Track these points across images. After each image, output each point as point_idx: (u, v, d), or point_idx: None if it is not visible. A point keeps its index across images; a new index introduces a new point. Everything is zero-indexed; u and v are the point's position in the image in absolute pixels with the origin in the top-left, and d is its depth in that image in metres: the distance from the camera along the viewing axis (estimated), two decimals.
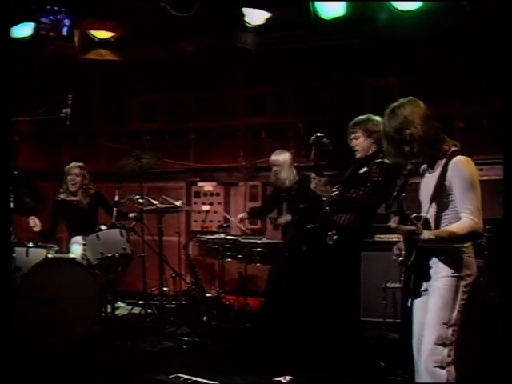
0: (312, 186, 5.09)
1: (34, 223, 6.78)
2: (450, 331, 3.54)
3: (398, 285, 6.41)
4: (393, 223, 3.55)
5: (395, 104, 3.70)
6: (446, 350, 3.54)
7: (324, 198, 5.12)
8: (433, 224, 3.64)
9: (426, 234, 3.48)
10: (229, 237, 6.73)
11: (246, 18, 7.11)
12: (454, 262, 3.58)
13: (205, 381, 4.84)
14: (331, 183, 5.11)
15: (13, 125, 8.04)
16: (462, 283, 3.56)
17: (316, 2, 6.73)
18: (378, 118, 5.22)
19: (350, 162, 5.48)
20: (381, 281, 6.56)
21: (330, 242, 5.08)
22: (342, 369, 5.23)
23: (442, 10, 6.58)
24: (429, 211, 3.64)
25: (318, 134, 5.17)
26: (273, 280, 6.43)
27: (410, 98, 3.72)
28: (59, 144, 9.83)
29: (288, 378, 5.13)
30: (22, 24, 7.19)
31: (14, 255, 5.96)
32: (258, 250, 6.31)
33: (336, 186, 5.11)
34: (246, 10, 7.06)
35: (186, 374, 4.98)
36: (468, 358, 3.89)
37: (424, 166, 3.76)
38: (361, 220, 5.22)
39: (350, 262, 5.37)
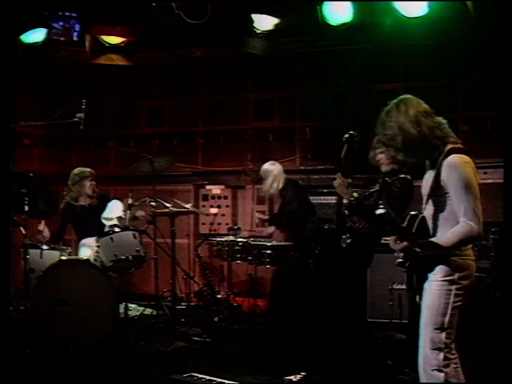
0: (335, 184, 5.02)
1: (43, 228, 6.86)
2: (443, 335, 3.51)
3: (404, 286, 6.53)
4: (391, 242, 3.56)
5: (384, 112, 3.63)
6: (441, 354, 3.51)
7: (344, 201, 5.07)
8: (430, 222, 3.62)
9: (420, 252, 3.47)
10: (239, 239, 6.82)
11: (255, 24, 7.22)
12: (447, 264, 3.52)
13: (218, 379, 4.91)
14: (353, 186, 5.05)
15: (24, 129, 8.25)
16: (455, 287, 3.50)
17: (324, 9, 6.84)
18: None
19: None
20: (387, 282, 6.69)
21: (344, 245, 5.09)
22: (352, 367, 5.33)
23: (448, 16, 6.70)
24: (426, 208, 3.64)
25: (351, 132, 4.99)
26: (279, 281, 6.56)
27: (400, 99, 3.64)
28: (68, 148, 9.94)
29: (298, 376, 5.22)
30: (34, 29, 7.30)
31: (28, 257, 6.09)
32: (268, 252, 6.38)
33: (357, 190, 5.08)
34: (255, 16, 7.18)
35: (199, 373, 5.07)
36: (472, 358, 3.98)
37: (427, 162, 3.71)
38: (375, 228, 5.24)
39: (361, 265, 5.43)
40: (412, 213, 3.70)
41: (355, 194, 5.01)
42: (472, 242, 3.53)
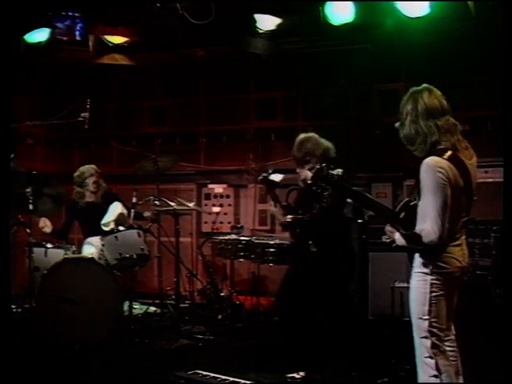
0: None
1: (44, 224, 6.90)
2: (426, 324, 3.66)
3: (405, 284, 6.59)
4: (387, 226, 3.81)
5: (407, 94, 3.83)
6: (428, 342, 3.66)
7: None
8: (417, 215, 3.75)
9: (398, 240, 3.72)
10: (242, 237, 6.88)
11: (258, 24, 7.26)
12: (425, 258, 3.69)
13: (223, 376, 4.95)
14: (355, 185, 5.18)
15: (27, 128, 8.30)
16: (432, 277, 3.65)
17: (326, 9, 6.88)
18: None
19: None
20: (388, 280, 6.74)
21: (315, 249, 5.32)
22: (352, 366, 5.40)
23: (450, 16, 6.74)
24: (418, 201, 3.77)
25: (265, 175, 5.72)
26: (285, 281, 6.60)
27: (419, 89, 3.83)
28: (71, 147, 9.99)
29: (301, 373, 5.27)
30: (37, 29, 7.34)
31: (32, 255, 6.16)
32: (271, 250, 6.43)
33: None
34: (257, 16, 7.23)
35: (203, 371, 5.12)
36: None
37: None
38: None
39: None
40: (406, 199, 3.84)
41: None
42: (430, 247, 3.62)
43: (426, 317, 3.67)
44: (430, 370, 3.70)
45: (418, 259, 3.74)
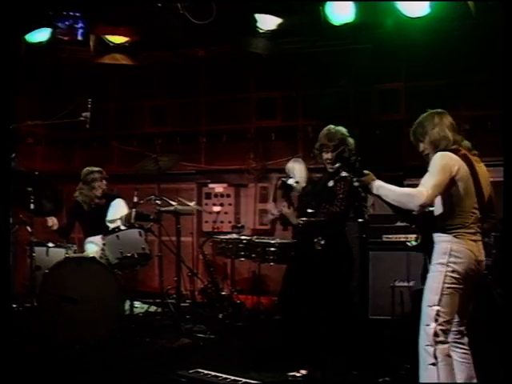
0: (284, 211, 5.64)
1: (53, 222, 6.94)
2: (433, 312, 3.82)
3: (405, 283, 6.62)
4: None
5: (423, 117, 4.15)
6: (431, 330, 3.81)
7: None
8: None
9: (374, 186, 3.99)
10: (243, 237, 6.89)
11: (258, 24, 7.27)
12: (441, 250, 3.90)
13: (224, 375, 4.96)
14: None
15: (28, 128, 8.31)
16: (448, 269, 3.83)
17: (326, 8, 6.89)
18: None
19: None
20: (389, 280, 6.75)
21: (319, 248, 5.43)
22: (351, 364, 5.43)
23: (450, 16, 6.76)
24: None
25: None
26: (286, 279, 6.61)
27: (436, 112, 4.12)
28: (72, 146, 10.00)
29: (302, 372, 5.28)
30: (38, 29, 7.35)
31: (34, 254, 6.17)
32: (272, 249, 6.44)
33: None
34: (258, 16, 7.24)
35: (204, 370, 5.13)
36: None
37: None
38: None
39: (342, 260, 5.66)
40: None
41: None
42: (412, 208, 3.89)
43: (436, 305, 3.82)
44: (428, 358, 3.82)
45: (436, 251, 3.92)
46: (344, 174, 5.25)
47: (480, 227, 4.01)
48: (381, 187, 3.98)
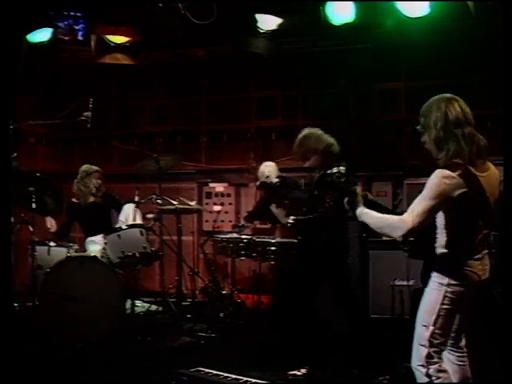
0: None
1: (51, 224, 6.97)
2: (428, 333, 3.61)
3: (405, 282, 6.64)
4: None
5: (433, 99, 3.85)
6: (425, 351, 3.61)
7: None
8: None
9: (359, 210, 3.80)
10: (243, 236, 6.92)
11: (259, 24, 7.29)
12: (445, 268, 3.64)
13: (225, 374, 4.97)
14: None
15: (29, 127, 8.32)
16: (448, 289, 3.60)
17: (326, 8, 6.91)
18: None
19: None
20: (389, 279, 6.77)
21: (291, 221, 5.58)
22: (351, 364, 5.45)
23: (450, 16, 6.78)
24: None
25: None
26: (280, 275, 6.64)
27: (447, 97, 3.82)
28: (72, 146, 10.02)
29: (303, 370, 5.30)
30: (39, 29, 7.37)
31: (35, 253, 6.19)
32: (272, 248, 6.48)
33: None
34: (258, 16, 7.26)
35: (205, 368, 5.15)
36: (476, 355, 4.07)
37: None
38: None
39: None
40: None
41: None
42: (395, 238, 3.61)
43: (431, 326, 3.62)
44: (421, 377, 3.68)
45: (436, 268, 3.68)
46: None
47: (486, 241, 3.78)
48: (363, 214, 3.79)
